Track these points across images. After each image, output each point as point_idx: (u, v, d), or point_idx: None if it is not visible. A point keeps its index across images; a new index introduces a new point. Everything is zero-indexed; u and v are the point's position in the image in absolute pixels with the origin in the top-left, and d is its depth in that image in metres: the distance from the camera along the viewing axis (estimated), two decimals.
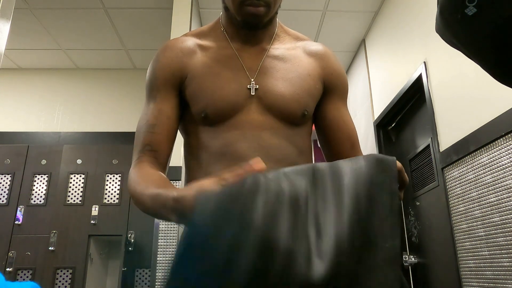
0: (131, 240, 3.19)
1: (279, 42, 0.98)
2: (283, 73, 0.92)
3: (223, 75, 0.90)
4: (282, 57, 0.95)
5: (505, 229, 1.58)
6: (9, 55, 3.79)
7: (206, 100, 0.87)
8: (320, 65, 0.97)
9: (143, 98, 0.96)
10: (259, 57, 0.94)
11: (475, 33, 0.71)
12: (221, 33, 0.97)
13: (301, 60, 0.96)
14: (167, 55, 0.94)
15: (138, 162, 0.86)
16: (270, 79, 0.91)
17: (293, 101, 0.89)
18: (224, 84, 0.89)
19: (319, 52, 0.99)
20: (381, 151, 3.00)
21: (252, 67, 0.92)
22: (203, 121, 0.89)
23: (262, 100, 0.89)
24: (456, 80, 1.96)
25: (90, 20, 3.28)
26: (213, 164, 0.86)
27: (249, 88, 0.89)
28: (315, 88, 0.94)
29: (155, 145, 0.87)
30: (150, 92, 0.93)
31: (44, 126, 3.84)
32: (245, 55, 0.94)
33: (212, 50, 0.95)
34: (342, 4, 3.05)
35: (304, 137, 0.94)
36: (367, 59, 3.42)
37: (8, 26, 1.49)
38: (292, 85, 0.91)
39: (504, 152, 1.58)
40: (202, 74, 0.90)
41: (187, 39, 0.97)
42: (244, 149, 0.85)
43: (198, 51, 0.94)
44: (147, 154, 0.86)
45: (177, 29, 2.67)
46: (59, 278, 3.09)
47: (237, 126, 0.87)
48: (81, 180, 3.35)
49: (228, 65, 0.92)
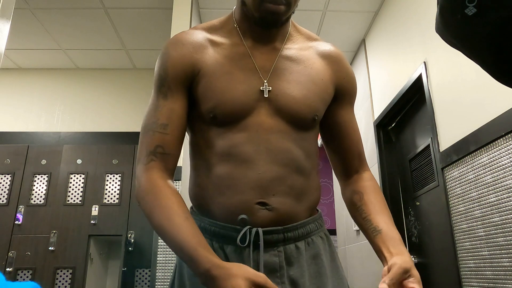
0: (131, 240, 3.19)
1: (292, 42, 0.96)
2: (295, 76, 0.90)
3: (235, 75, 0.88)
4: (294, 58, 0.93)
5: (505, 229, 1.58)
6: (9, 55, 3.80)
7: (215, 101, 0.85)
8: (333, 69, 0.95)
9: (143, 98, 0.95)
10: (272, 57, 0.92)
11: (475, 33, 0.71)
12: (233, 29, 0.94)
13: (314, 63, 0.94)
14: (178, 50, 0.90)
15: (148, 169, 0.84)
16: (283, 82, 0.89)
17: (305, 105, 0.88)
18: (236, 85, 0.86)
19: (332, 54, 0.97)
20: (381, 151, 3.00)
21: (264, 67, 0.90)
22: (211, 121, 0.87)
23: (273, 102, 0.87)
24: (456, 80, 1.96)
25: (90, 20, 3.28)
26: (218, 165, 0.85)
27: (262, 90, 0.87)
28: (327, 92, 0.93)
29: (167, 147, 0.85)
30: (159, 88, 0.89)
31: (44, 126, 3.84)
32: (257, 54, 0.91)
33: (224, 47, 0.92)
34: (342, 4, 3.05)
35: (312, 141, 0.93)
36: (367, 59, 3.42)
37: (8, 26, 1.49)
38: (304, 89, 0.89)
39: (504, 152, 1.58)
40: (213, 72, 0.87)
41: (198, 33, 0.93)
42: (251, 151, 0.84)
43: (209, 47, 0.91)
44: (159, 158, 0.84)
45: (177, 29, 2.67)
46: (59, 278, 3.09)
47: (245, 128, 0.85)
48: (81, 180, 3.35)
49: (240, 64, 0.89)
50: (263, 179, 0.83)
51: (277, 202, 0.83)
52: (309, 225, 0.89)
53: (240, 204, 0.82)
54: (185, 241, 0.74)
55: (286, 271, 0.82)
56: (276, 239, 0.83)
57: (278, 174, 0.84)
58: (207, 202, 0.87)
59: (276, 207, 0.83)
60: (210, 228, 0.85)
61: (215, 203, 0.85)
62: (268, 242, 0.82)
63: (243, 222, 0.81)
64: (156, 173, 0.83)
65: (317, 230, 0.91)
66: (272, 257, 0.82)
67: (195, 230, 0.76)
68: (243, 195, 0.82)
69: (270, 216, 0.82)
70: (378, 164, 2.99)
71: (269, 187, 0.83)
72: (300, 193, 0.87)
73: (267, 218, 0.82)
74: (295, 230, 0.85)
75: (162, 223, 0.77)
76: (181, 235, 0.75)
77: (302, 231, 0.87)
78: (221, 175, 0.84)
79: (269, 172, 0.83)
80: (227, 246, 0.83)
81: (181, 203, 0.80)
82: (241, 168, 0.83)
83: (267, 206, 0.82)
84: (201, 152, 0.90)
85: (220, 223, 0.84)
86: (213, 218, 0.85)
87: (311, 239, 0.88)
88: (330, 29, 3.33)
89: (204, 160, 0.89)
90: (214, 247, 0.84)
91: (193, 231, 0.76)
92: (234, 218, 0.82)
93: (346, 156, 1.00)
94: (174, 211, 0.78)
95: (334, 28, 3.33)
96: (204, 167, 0.88)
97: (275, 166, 0.84)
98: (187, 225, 0.76)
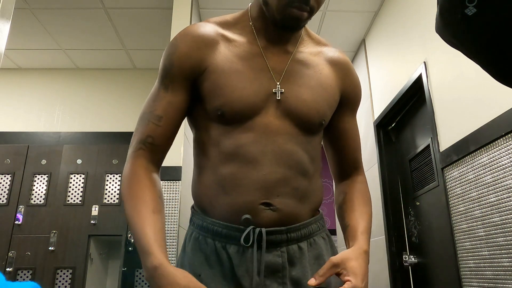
0: (131, 240, 3.19)
1: (303, 46, 0.96)
2: (306, 80, 0.91)
3: (246, 74, 0.87)
4: (305, 63, 0.93)
5: (505, 229, 1.57)
6: (9, 55, 3.79)
7: (224, 99, 0.84)
8: (340, 76, 0.96)
9: (143, 98, 0.95)
10: (285, 59, 0.92)
11: (474, 33, 0.71)
12: (248, 27, 0.93)
13: (323, 68, 0.95)
14: (187, 43, 0.88)
15: (135, 156, 0.86)
16: (294, 85, 0.89)
17: (313, 110, 0.88)
18: (246, 84, 0.86)
19: (340, 61, 0.98)
20: (381, 151, 3.00)
21: (277, 69, 0.90)
22: (218, 119, 0.86)
23: (283, 104, 0.87)
24: (456, 80, 1.96)
25: (90, 20, 3.28)
26: (223, 164, 0.85)
27: (274, 92, 0.87)
28: (334, 99, 0.94)
29: (157, 138, 0.86)
30: (162, 78, 0.89)
31: (44, 126, 3.83)
32: (270, 55, 0.91)
33: (236, 44, 0.90)
34: (342, 4, 3.05)
35: (316, 145, 0.94)
36: (367, 59, 3.41)
37: (8, 26, 1.48)
38: (314, 93, 0.90)
39: (504, 152, 1.58)
40: (223, 70, 0.86)
41: (210, 27, 0.92)
42: (257, 152, 0.84)
43: (220, 42, 0.90)
44: (147, 147, 0.85)
45: (177, 29, 2.67)
46: (59, 278, 3.09)
47: (252, 128, 0.85)
48: (81, 180, 3.35)
49: (252, 63, 0.89)
50: (268, 180, 0.83)
51: (281, 203, 0.83)
52: (311, 225, 0.89)
53: (245, 204, 0.82)
54: (143, 234, 0.75)
55: (288, 271, 0.83)
56: (279, 240, 0.83)
57: (283, 175, 0.84)
58: (211, 201, 0.87)
59: (280, 208, 0.83)
60: (212, 227, 0.85)
61: (219, 202, 0.85)
62: (271, 242, 0.82)
63: (247, 222, 0.81)
64: (141, 162, 0.85)
65: (319, 231, 0.92)
66: (275, 258, 0.82)
67: (158, 225, 0.77)
68: (247, 196, 0.82)
69: (273, 217, 0.83)
70: (378, 164, 2.99)
71: (274, 188, 0.83)
72: (303, 195, 0.88)
73: (271, 218, 0.82)
74: (298, 231, 0.86)
75: (130, 211, 0.79)
76: (142, 227, 0.76)
77: (304, 231, 0.87)
78: (226, 174, 0.84)
79: (274, 173, 0.83)
80: (229, 246, 0.83)
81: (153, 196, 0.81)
82: (246, 168, 0.83)
83: (271, 207, 0.83)
84: (206, 150, 0.89)
85: (223, 222, 0.84)
86: (216, 217, 0.85)
87: (313, 240, 0.89)
88: (330, 29, 3.33)
89: (208, 158, 0.88)
90: (217, 247, 0.84)
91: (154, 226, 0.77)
92: (238, 218, 0.82)
93: (342, 161, 1.02)
94: (144, 202, 0.79)
95: (334, 28, 3.33)
96: (209, 166, 0.88)
97: (280, 168, 0.84)
98: (152, 218, 0.77)
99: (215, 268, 0.83)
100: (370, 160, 3.15)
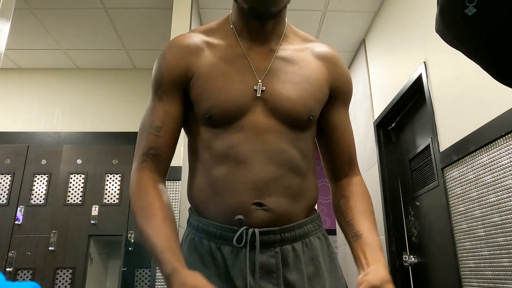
0: (131, 240, 3.19)
1: (288, 43, 0.96)
2: (290, 76, 0.91)
3: (230, 75, 0.88)
4: (290, 59, 0.93)
5: (505, 229, 1.58)
6: (9, 55, 3.79)
7: (211, 101, 0.86)
8: (328, 70, 0.96)
9: (143, 98, 0.96)
10: (268, 58, 0.92)
11: (475, 33, 0.71)
12: (230, 30, 0.95)
13: (309, 63, 0.94)
14: (173, 53, 0.91)
15: (140, 169, 0.87)
16: (277, 82, 0.89)
17: (299, 105, 0.88)
18: (231, 85, 0.87)
19: (327, 55, 0.97)
20: (381, 151, 3.00)
21: (260, 67, 0.90)
22: (207, 122, 0.87)
23: (268, 102, 0.87)
24: (456, 80, 1.96)
25: (90, 20, 3.28)
26: (215, 166, 0.86)
27: (255, 89, 0.87)
28: (322, 93, 0.93)
29: (159, 149, 0.87)
30: (155, 91, 0.91)
31: (44, 126, 3.84)
32: (253, 55, 0.92)
33: (220, 48, 0.92)
34: (342, 4, 3.05)
35: (308, 142, 0.93)
36: (367, 59, 3.41)
37: (8, 26, 1.48)
38: (299, 89, 0.89)
39: (504, 152, 1.58)
40: (209, 74, 0.88)
41: (194, 36, 0.94)
42: (248, 152, 0.84)
43: (205, 49, 0.92)
44: (150, 159, 0.87)
45: (177, 29, 2.67)
46: (59, 278, 3.09)
47: (241, 128, 0.85)
48: (81, 180, 3.35)
49: (236, 64, 0.90)
50: (259, 180, 0.83)
51: (273, 203, 0.83)
52: (306, 225, 0.89)
53: (237, 205, 0.82)
54: (156, 244, 0.76)
55: (282, 272, 0.82)
56: (272, 240, 0.83)
57: (274, 174, 0.84)
58: (205, 203, 0.87)
59: (273, 208, 0.83)
60: (207, 228, 0.86)
61: (212, 204, 0.86)
62: (265, 242, 0.82)
63: (240, 222, 0.81)
64: (147, 174, 0.86)
65: (315, 231, 0.91)
66: (268, 258, 0.82)
67: (169, 233, 0.78)
68: (239, 196, 0.83)
69: (266, 217, 0.82)
70: (378, 164, 2.99)
71: (265, 187, 0.83)
72: (296, 193, 0.87)
73: (264, 218, 0.82)
74: (292, 231, 0.85)
75: (142, 224, 0.80)
76: (154, 237, 0.77)
77: (299, 231, 0.87)
78: (218, 176, 0.85)
79: (265, 172, 0.83)
80: (224, 246, 0.83)
81: (163, 205, 0.83)
82: (237, 169, 0.84)
83: (263, 207, 0.82)
84: (198, 154, 0.90)
85: (217, 223, 0.84)
86: (211, 218, 0.86)
87: (308, 240, 0.88)
88: (330, 29, 3.33)
89: (201, 161, 0.89)
90: (212, 248, 0.84)
91: (166, 234, 0.78)
92: (231, 218, 0.82)
93: (336, 159, 1.00)
94: (154, 212, 0.81)
95: (334, 28, 3.33)
96: (202, 169, 0.89)
97: (271, 166, 0.84)
98: (162, 227, 0.79)
99: (210, 268, 0.83)
100: (370, 160, 3.15)
